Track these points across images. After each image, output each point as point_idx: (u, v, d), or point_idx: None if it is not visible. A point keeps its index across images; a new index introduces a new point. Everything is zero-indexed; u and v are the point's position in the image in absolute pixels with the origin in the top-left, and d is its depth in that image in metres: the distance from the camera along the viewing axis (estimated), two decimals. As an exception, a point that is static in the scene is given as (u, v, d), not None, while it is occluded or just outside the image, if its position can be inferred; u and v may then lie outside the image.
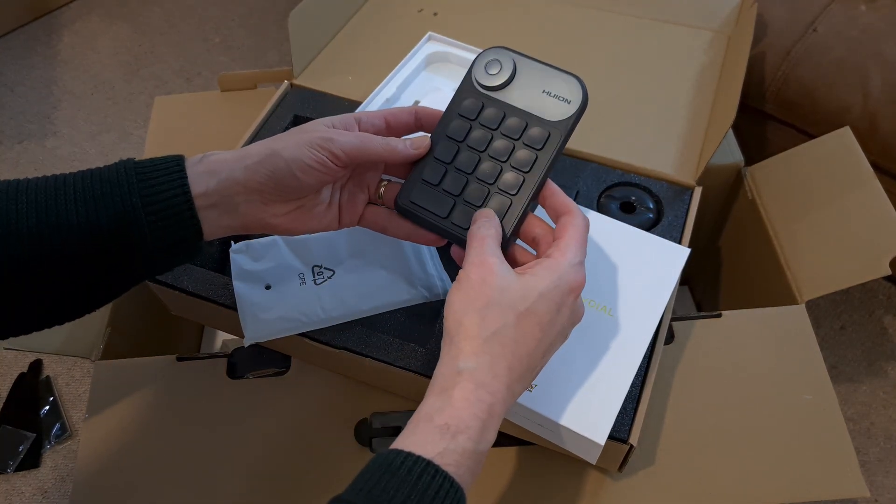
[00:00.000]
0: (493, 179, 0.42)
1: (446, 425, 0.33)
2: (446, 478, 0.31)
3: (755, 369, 0.54)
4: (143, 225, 0.38)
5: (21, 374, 0.96)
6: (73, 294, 0.39)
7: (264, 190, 0.40)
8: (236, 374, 0.56)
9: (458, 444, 0.32)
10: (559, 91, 0.42)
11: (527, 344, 0.36)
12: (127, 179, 0.38)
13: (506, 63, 0.43)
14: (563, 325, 0.38)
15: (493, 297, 0.36)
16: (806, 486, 0.49)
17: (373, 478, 0.31)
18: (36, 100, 1.36)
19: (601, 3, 0.77)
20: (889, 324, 0.96)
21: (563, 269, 0.37)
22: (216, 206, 0.40)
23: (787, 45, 0.80)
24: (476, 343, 0.35)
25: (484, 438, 0.34)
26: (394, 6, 0.79)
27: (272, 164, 0.40)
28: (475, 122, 0.43)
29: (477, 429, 0.33)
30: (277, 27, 1.49)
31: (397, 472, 0.31)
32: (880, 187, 0.61)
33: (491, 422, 0.34)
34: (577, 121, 0.42)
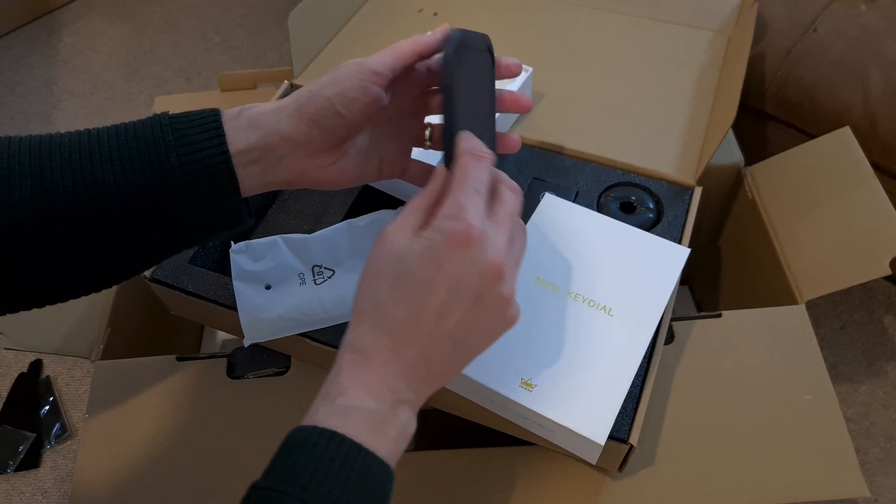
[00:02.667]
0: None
1: (326, 393, 0.34)
2: (334, 436, 0.31)
3: (755, 369, 0.54)
4: (181, 185, 0.37)
5: (21, 374, 0.96)
6: (110, 257, 0.38)
7: (311, 140, 0.39)
8: (236, 374, 0.56)
9: (336, 405, 0.33)
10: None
11: (405, 306, 0.34)
12: (163, 137, 0.37)
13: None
14: (452, 282, 0.33)
15: (378, 267, 0.35)
16: (806, 486, 0.49)
17: (285, 459, 0.32)
18: (36, 99, 1.36)
19: (601, 3, 0.77)
20: (889, 324, 0.96)
21: (438, 221, 0.34)
22: (258, 162, 0.39)
23: (788, 45, 0.80)
24: (357, 314, 0.35)
25: (371, 396, 0.33)
26: (394, 6, 0.79)
27: (315, 106, 0.39)
28: None
29: (357, 389, 0.33)
30: (277, 27, 1.49)
31: (302, 447, 0.32)
32: (880, 187, 0.61)
33: (380, 383, 0.34)
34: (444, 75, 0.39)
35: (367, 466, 0.31)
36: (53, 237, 0.36)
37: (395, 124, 0.44)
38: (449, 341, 0.35)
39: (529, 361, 0.45)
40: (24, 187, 0.35)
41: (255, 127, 0.39)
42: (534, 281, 0.49)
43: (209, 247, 0.58)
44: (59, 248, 0.36)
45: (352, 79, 0.39)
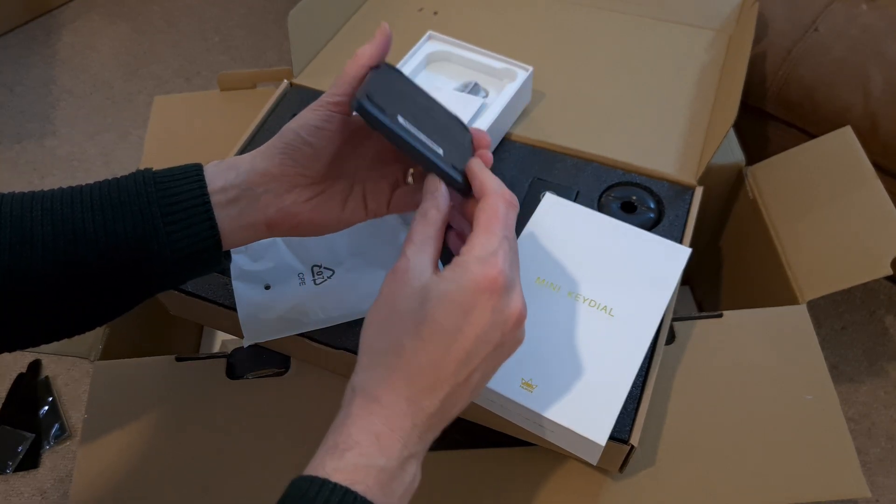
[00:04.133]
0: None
1: (335, 444, 0.32)
2: (347, 493, 0.30)
3: (756, 369, 0.54)
4: (161, 234, 0.37)
5: (20, 374, 0.96)
6: (87, 305, 0.38)
7: (285, 173, 0.39)
8: (236, 374, 0.56)
9: (347, 462, 0.31)
10: None
11: (428, 353, 0.32)
12: (146, 189, 0.37)
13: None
14: (479, 331, 0.33)
15: (396, 306, 0.33)
16: (806, 486, 0.49)
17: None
18: (35, 99, 1.36)
19: (601, 3, 0.77)
20: (890, 324, 0.95)
21: (467, 266, 0.33)
22: (237, 202, 0.39)
23: (788, 45, 0.79)
24: (370, 355, 0.33)
25: (383, 453, 0.31)
26: (394, 5, 0.78)
27: (284, 140, 0.39)
28: None
29: (369, 444, 0.31)
30: (277, 27, 1.49)
31: (312, 502, 0.30)
32: (881, 187, 0.61)
33: (392, 436, 0.32)
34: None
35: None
36: (32, 285, 0.36)
37: (376, 163, 0.43)
38: (467, 387, 0.34)
39: (530, 362, 0.45)
40: (4, 236, 0.35)
41: (233, 167, 0.39)
42: (534, 281, 0.49)
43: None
44: (38, 296, 0.36)
45: (313, 111, 0.39)
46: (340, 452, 0.31)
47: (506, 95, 0.60)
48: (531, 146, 0.63)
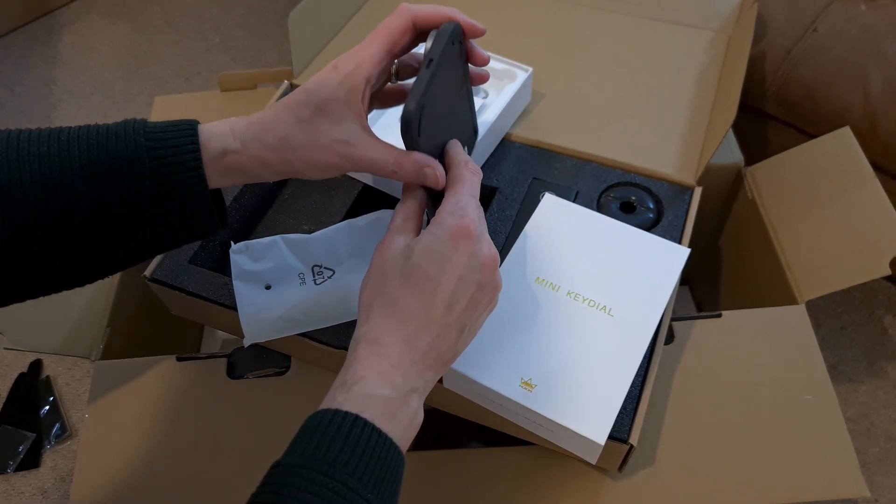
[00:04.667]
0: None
1: (343, 382, 0.35)
2: (357, 419, 0.33)
3: (755, 369, 0.54)
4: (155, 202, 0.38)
5: (21, 374, 0.96)
6: (84, 248, 0.38)
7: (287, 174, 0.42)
8: (236, 374, 0.56)
9: (353, 393, 0.34)
10: None
11: (417, 298, 0.36)
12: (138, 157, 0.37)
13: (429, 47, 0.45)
14: (458, 272, 0.37)
15: (384, 268, 0.38)
16: (806, 486, 0.49)
17: (308, 438, 0.33)
18: (36, 99, 1.36)
19: (601, 3, 0.77)
20: (889, 324, 0.96)
21: (441, 219, 0.38)
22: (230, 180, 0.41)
23: (788, 45, 0.80)
24: (367, 310, 0.37)
25: (385, 384, 0.35)
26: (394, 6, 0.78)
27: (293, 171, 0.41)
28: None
29: (372, 377, 0.35)
30: (277, 27, 1.49)
31: (326, 428, 0.33)
32: (880, 187, 0.61)
33: (393, 371, 0.35)
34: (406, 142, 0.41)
35: (386, 450, 0.33)
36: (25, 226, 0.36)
37: None
38: (456, 328, 0.37)
39: (529, 361, 0.45)
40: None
41: (238, 173, 0.40)
42: (534, 281, 0.49)
43: (209, 246, 0.58)
44: (31, 236, 0.37)
45: (331, 165, 0.40)
46: (348, 387, 0.34)
47: (505, 96, 0.61)
48: (531, 146, 0.63)
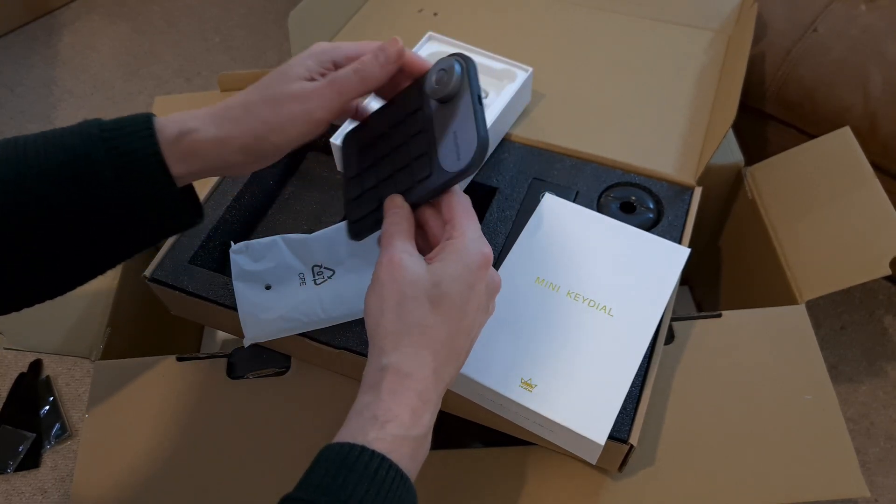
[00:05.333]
0: (384, 177, 0.43)
1: (374, 416, 0.34)
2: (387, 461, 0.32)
3: (755, 369, 0.54)
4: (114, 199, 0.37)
5: (21, 374, 0.96)
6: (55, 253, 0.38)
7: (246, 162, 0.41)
8: (236, 374, 0.56)
9: (387, 433, 0.33)
10: (461, 142, 0.39)
11: (447, 328, 0.36)
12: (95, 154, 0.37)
13: (452, 82, 0.40)
14: (479, 302, 0.38)
15: (406, 292, 0.36)
16: (806, 486, 0.49)
17: (327, 473, 0.32)
18: (36, 100, 1.36)
19: (601, 3, 0.77)
20: (889, 324, 0.96)
21: (467, 248, 0.38)
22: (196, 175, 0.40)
23: (788, 45, 0.80)
24: (395, 337, 0.36)
25: (417, 424, 0.34)
26: (394, 6, 0.79)
27: (262, 150, 0.40)
28: (407, 116, 0.43)
29: (406, 416, 0.34)
30: (277, 27, 1.49)
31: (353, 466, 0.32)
32: (880, 187, 0.61)
33: (424, 408, 0.35)
34: (454, 180, 0.39)
35: (406, 494, 0.33)
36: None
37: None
38: (467, 354, 0.39)
39: (529, 361, 0.45)
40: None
41: (196, 156, 0.39)
42: (534, 281, 0.49)
43: (209, 247, 0.58)
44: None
45: (296, 128, 0.40)
46: (381, 424, 0.34)
47: (505, 96, 0.61)
48: (530, 146, 0.63)
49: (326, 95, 0.40)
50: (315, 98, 0.40)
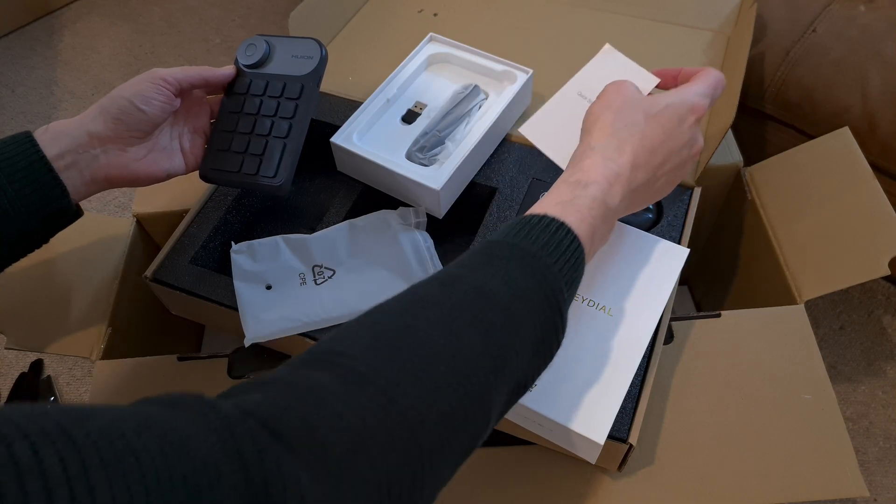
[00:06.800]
0: (268, 131, 0.53)
1: (577, 181, 0.40)
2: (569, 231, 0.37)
3: (754, 369, 0.54)
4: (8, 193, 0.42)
5: (22, 373, 0.96)
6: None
7: (119, 135, 0.46)
8: (237, 373, 0.56)
9: (588, 193, 0.39)
10: (303, 53, 0.54)
11: (651, 139, 0.42)
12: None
13: (259, 45, 0.55)
14: (682, 140, 0.43)
15: (627, 101, 0.43)
16: (805, 485, 0.49)
17: (515, 228, 0.37)
18: (37, 100, 1.36)
19: (601, 4, 0.78)
20: (888, 324, 0.96)
21: (689, 93, 0.44)
22: (75, 165, 0.45)
23: (787, 46, 0.80)
24: (608, 130, 0.42)
25: (611, 193, 0.40)
26: (394, 7, 0.79)
27: (117, 106, 0.46)
28: (246, 95, 0.54)
29: (604, 184, 0.40)
30: (278, 28, 1.49)
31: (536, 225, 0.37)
32: (879, 187, 0.61)
33: (617, 185, 0.40)
34: (321, 69, 0.54)
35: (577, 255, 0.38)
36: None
37: (188, 124, 0.54)
38: (652, 187, 0.43)
39: (529, 361, 0.45)
40: None
41: (62, 135, 0.45)
42: (533, 281, 0.49)
43: (209, 246, 0.58)
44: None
45: (146, 82, 0.48)
46: (584, 185, 0.39)
47: (506, 97, 0.61)
48: (530, 147, 0.63)
49: (172, 68, 0.50)
50: (161, 69, 0.49)
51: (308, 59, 0.54)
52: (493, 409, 0.32)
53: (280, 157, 0.52)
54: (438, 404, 0.29)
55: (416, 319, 0.32)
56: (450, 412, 0.29)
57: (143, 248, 0.70)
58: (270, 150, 0.52)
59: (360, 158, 0.57)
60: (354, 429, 0.27)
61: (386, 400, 0.28)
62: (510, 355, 0.33)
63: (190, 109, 0.54)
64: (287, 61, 0.54)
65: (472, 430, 0.31)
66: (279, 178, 0.52)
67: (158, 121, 0.49)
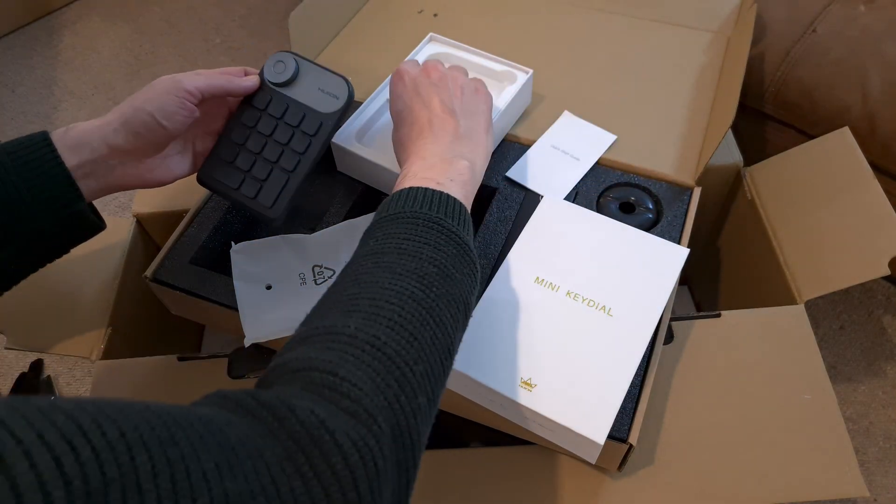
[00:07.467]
0: (276, 159, 0.52)
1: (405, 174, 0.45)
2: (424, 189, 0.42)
3: (754, 369, 0.54)
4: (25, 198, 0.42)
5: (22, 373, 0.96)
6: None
7: (137, 148, 0.46)
8: (237, 373, 0.56)
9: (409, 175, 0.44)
10: (331, 89, 0.52)
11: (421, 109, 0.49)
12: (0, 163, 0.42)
13: (289, 64, 0.53)
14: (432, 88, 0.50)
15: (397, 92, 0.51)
16: (805, 485, 0.49)
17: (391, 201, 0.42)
18: (37, 100, 1.36)
19: (601, 4, 0.78)
20: (888, 324, 0.96)
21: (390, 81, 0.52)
22: (93, 175, 0.45)
23: (787, 46, 0.80)
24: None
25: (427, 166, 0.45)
26: (394, 7, 0.79)
27: (139, 121, 0.45)
28: (264, 112, 0.53)
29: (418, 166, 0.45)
30: (278, 28, 1.49)
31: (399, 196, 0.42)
32: (879, 187, 0.61)
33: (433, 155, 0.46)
34: (343, 113, 0.52)
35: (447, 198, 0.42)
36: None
37: (203, 127, 0.53)
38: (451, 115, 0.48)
39: (529, 361, 0.45)
40: None
41: (83, 143, 0.44)
42: (533, 281, 0.49)
43: (210, 247, 0.58)
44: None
45: (169, 96, 0.46)
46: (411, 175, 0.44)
47: (506, 97, 0.61)
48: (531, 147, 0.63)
49: (194, 75, 0.48)
50: (184, 77, 0.48)
51: (333, 99, 0.52)
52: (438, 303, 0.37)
53: (281, 190, 0.51)
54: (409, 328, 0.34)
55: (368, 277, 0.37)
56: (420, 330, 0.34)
57: (143, 248, 0.71)
58: (274, 178, 0.52)
59: (360, 159, 0.58)
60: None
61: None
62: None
63: (208, 112, 0.53)
64: (312, 92, 0.52)
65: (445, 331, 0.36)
66: (275, 211, 0.51)
67: (177, 135, 0.48)
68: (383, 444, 0.29)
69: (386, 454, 0.29)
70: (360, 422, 0.29)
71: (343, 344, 0.32)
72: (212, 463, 0.24)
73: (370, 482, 0.27)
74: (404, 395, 0.31)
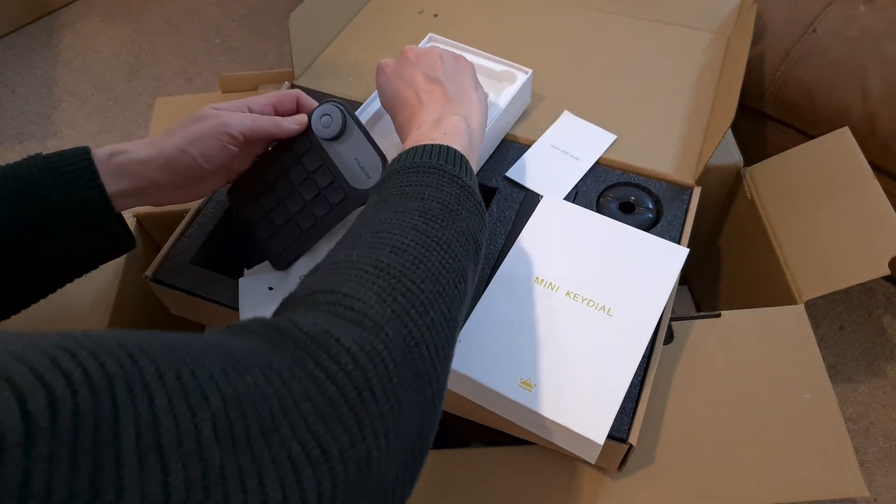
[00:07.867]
0: (296, 212, 0.51)
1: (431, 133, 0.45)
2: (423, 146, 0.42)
3: (754, 369, 0.54)
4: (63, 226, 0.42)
5: (22, 374, 0.96)
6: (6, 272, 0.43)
7: (176, 184, 0.46)
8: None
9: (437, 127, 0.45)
10: (366, 164, 0.50)
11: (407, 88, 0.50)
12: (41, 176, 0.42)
13: (337, 121, 0.50)
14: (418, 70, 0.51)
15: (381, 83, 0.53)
16: (805, 485, 0.49)
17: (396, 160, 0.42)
18: (37, 100, 1.36)
19: (601, 4, 0.78)
20: (888, 324, 0.96)
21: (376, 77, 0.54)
22: (129, 197, 0.45)
23: (787, 46, 0.80)
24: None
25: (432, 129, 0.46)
26: (394, 8, 0.79)
27: (182, 163, 0.45)
28: (299, 160, 0.51)
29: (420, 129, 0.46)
30: (278, 28, 1.49)
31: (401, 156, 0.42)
32: (879, 187, 0.61)
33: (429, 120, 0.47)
34: (368, 195, 0.47)
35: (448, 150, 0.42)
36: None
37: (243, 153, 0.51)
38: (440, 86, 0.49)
39: (529, 361, 0.45)
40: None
41: (124, 174, 0.44)
42: (533, 281, 0.49)
43: (210, 247, 0.58)
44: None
45: (213, 140, 0.46)
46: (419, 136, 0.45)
47: (506, 97, 0.61)
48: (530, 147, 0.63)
49: (241, 115, 0.48)
50: (229, 116, 0.47)
51: (365, 177, 0.50)
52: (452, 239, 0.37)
53: (290, 244, 0.52)
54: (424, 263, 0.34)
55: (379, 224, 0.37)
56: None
57: (143, 248, 0.71)
58: (288, 230, 0.52)
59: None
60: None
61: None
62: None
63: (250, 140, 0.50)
64: (348, 160, 0.50)
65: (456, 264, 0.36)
66: (280, 263, 0.53)
67: (216, 172, 0.49)
68: (393, 350, 0.29)
69: (398, 360, 0.29)
70: (365, 329, 0.29)
71: (346, 269, 0.32)
72: (217, 368, 0.24)
73: (383, 383, 0.27)
74: (414, 310, 0.31)
